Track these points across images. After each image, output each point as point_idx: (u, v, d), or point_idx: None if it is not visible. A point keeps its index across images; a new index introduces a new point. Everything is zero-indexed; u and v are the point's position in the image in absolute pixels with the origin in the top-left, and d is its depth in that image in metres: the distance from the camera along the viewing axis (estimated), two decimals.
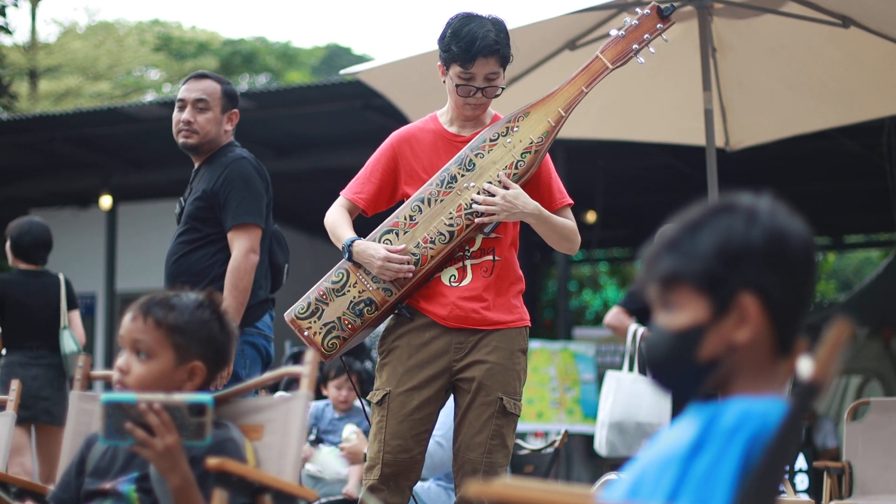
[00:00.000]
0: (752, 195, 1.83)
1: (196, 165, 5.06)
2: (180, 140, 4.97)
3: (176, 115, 5.00)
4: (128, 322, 2.76)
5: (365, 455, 4.16)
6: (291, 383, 6.69)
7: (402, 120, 6.50)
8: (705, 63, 5.79)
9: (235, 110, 5.04)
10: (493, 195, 4.03)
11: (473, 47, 4.01)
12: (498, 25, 4.09)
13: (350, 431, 6.04)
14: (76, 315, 7.25)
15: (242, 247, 4.76)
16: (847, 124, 7.27)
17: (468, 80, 4.07)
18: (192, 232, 4.88)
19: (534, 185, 4.17)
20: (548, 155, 4.21)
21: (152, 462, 2.59)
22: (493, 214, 4.03)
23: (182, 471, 2.57)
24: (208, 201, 4.85)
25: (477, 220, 4.04)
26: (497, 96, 4.16)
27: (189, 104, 4.95)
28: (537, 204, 4.06)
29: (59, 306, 7.13)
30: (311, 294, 4.14)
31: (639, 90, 6.65)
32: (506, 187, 4.04)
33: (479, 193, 4.05)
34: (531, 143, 4.10)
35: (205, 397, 2.57)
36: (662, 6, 4.32)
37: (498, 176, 4.06)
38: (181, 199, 5.05)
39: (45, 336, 7.11)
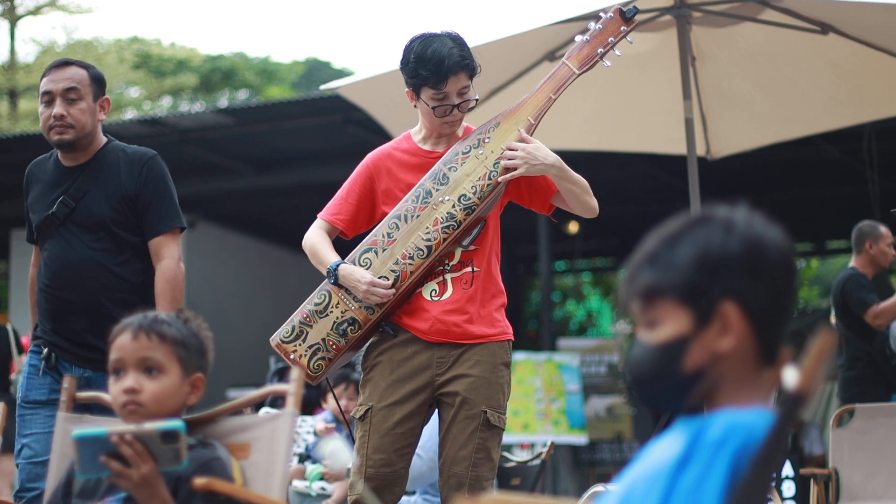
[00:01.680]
0: (729, 206, 1.84)
1: (69, 164, 4.48)
2: (55, 138, 4.39)
3: (44, 110, 4.42)
4: (128, 342, 2.73)
5: (348, 471, 4.16)
6: (277, 400, 6.67)
7: (383, 133, 6.51)
8: (685, 72, 5.81)
9: (107, 97, 4.51)
10: (515, 150, 4.06)
11: (443, 67, 4.02)
12: (457, 40, 4.11)
13: (331, 448, 6.00)
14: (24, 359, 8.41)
15: (174, 255, 4.39)
16: (828, 131, 7.30)
17: (442, 100, 4.08)
18: (109, 240, 4.39)
19: (527, 179, 4.18)
20: None
21: (131, 492, 2.58)
22: (515, 169, 4.06)
23: (162, 497, 2.57)
24: (129, 205, 4.39)
25: (499, 178, 4.07)
26: (472, 109, 4.18)
27: (58, 96, 4.38)
28: (557, 157, 4.08)
29: (9, 354, 8.39)
30: (295, 317, 4.15)
31: (619, 100, 6.66)
32: (525, 142, 4.09)
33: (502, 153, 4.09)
34: (503, 152, 4.12)
35: (176, 423, 2.57)
36: (625, 8, 4.35)
37: (519, 132, 4.11)
38: (63, 198, 4.42)
39: None
